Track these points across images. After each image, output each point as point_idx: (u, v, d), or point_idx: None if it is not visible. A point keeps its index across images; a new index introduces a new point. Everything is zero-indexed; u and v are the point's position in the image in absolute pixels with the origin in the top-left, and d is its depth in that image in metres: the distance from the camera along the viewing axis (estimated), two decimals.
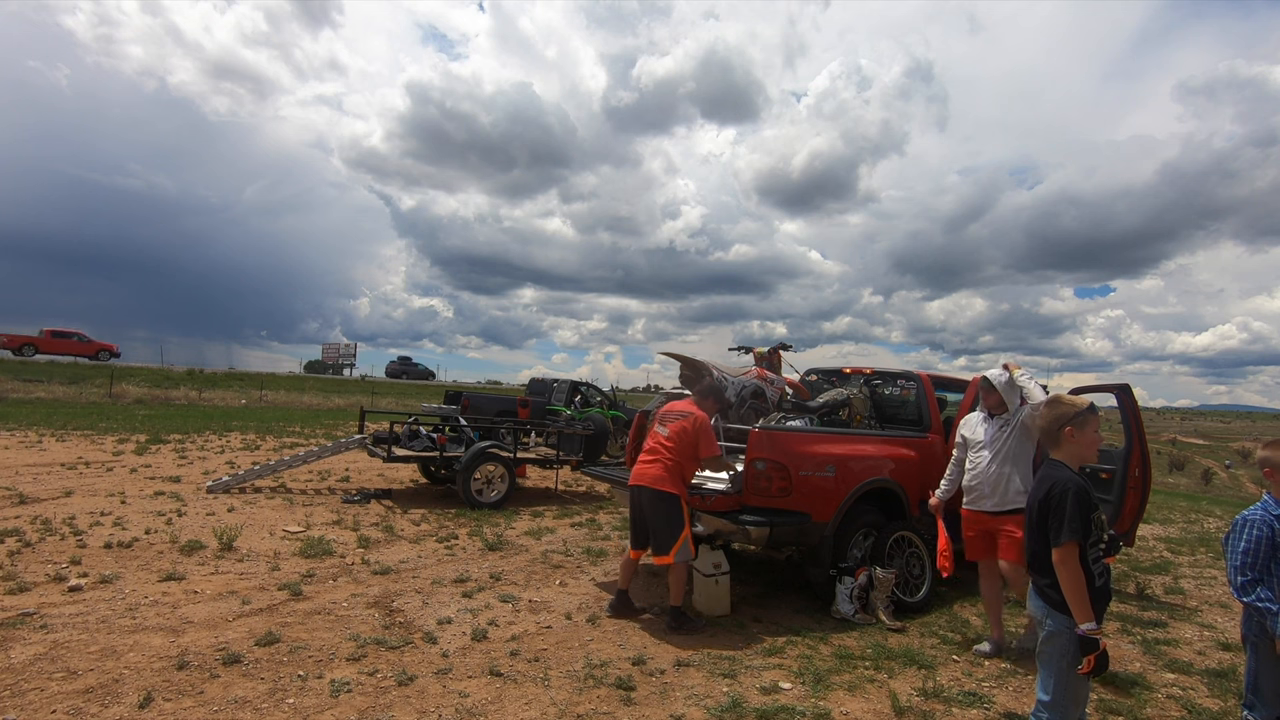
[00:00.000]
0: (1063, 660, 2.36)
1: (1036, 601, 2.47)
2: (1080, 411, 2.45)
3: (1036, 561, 2.45)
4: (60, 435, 12.45)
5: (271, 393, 29.53)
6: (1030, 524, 2.47)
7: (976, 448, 4.24)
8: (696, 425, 4.37)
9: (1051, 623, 2.39)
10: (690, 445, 4.35)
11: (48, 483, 7.88)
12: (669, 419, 4.50)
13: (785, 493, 4.54)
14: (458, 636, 3.97)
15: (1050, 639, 2.41)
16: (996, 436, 4.16)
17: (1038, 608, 2.46)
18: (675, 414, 4.50)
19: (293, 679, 3.28)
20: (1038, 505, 2.41)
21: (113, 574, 4.70)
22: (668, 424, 4.48)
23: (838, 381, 6.61)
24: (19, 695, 2.99)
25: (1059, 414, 2.48)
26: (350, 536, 6.25)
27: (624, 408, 14.67)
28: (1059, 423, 2.46)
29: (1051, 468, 2.47)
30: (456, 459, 8.03)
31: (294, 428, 17.06)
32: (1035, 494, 2.47)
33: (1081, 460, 2.47)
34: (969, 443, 4.32)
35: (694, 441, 4.35)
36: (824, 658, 3.93)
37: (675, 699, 3.31)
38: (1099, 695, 3.64)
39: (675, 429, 4.41)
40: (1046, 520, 2.36)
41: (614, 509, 8.38)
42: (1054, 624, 2.38)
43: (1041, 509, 2.39)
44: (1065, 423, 2.45)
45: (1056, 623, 2.37)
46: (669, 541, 4.29)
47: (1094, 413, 2.48)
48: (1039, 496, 2.42)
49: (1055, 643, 2.39)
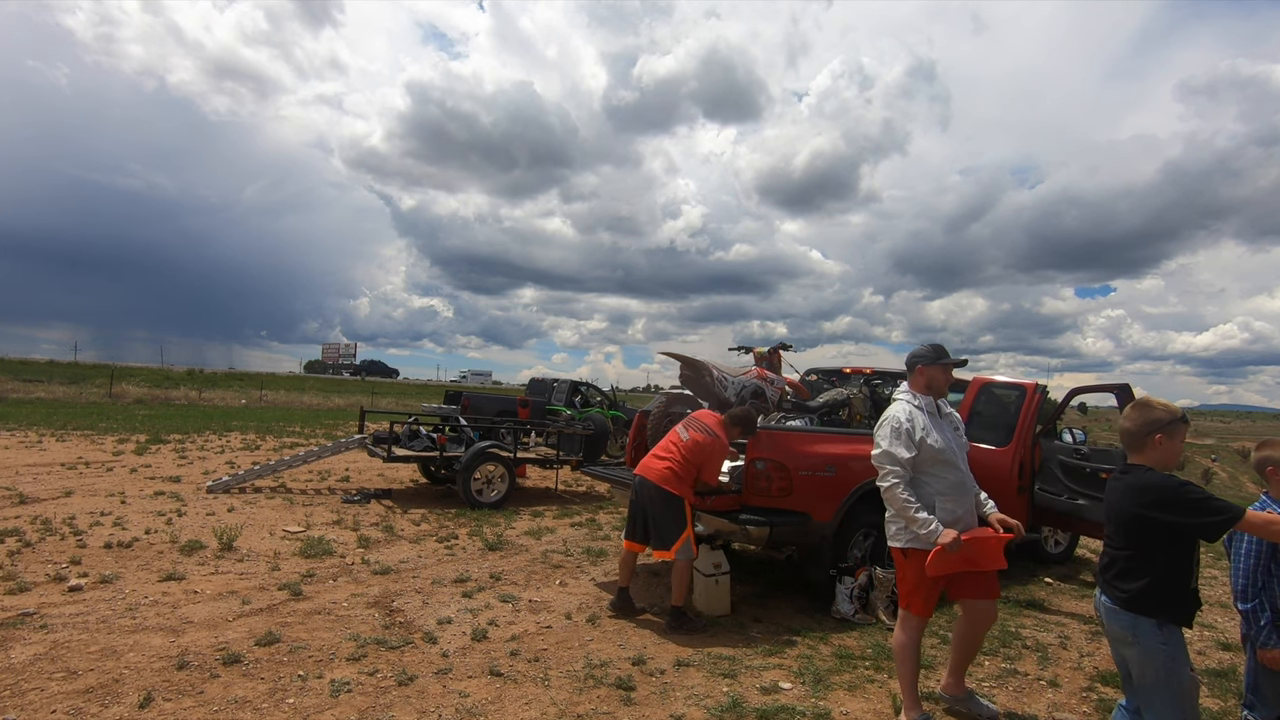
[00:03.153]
0: (1172, 674, 2.21)
1: (1123, 617, 2.31)
2: (1175, 419, 2.32)
3: (1128, 567, 2.31)
4: (60, 435, 12.45)
5: (271, 393, 29.54)
6: (1127, 531, 2.32)
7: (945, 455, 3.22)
8: (714, 449, 4.43)
9: (1142, 639, 2.25)
10: (701, 462, 4.40)
11: (48, 483, 7.88)
12: (693, 426, 4.54)
13: (785, 493, 4.54)
14: (458, 636, 3.96)
15: (1147, 660, 2.26)
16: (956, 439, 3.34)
17: (1123, 622, 2.31)
18: (701, 426, 4.53)
19: (293, 679, 3.28)
20: (1138, 512, 2.26)
21: (113, 574, 4.70)
22: (691, 431, 4.50)
23: (838, 381, 6.61)
24: (19, 695, 2.99)
25: (1152, 419, 2.33)
26: (350, 536, 6.25)
27: (624, 408, 14.67)
28: (1150, 428, 2.32)
29: (1142, 473, 2.31)
30: (456, 459, 8.03)
31: (294, 428, 17.05)
32: (1131, 501, 2.30)
33: (1165, 467, 2.33)
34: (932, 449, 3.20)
35: (704, 461, 4.41)
36: (824, 658, 3.93)
37: (675, 699, 3.31)
38: (1099, 695, 3.64)
39: (695, 440, 4.44)
40: (1148, 526, 2.24)
41: (614, 509, 8.37)
42: (1144, 638, 2.25)
43: (1151, 513, 2.23)
44: (1157, 429, 2.31)
45: (1146, 634, 2.25)
46: (671, 538, 4.29)
47: (1186, 423, 2.36)
48: (1142, 503, 2.26)
49: (1155, 660, 2.23)
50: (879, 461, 3.17)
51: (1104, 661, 4.16)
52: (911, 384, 3.35)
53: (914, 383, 3.33)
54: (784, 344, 6.25)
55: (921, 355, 3.31)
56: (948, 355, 3.32)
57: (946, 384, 3.36)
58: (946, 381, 3.35)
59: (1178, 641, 2.25)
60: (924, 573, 3.05)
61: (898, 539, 3.20)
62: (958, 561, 3.03)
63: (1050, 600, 5.48)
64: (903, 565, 3.21)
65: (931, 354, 3.29)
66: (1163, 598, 2.25)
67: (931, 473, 3.15)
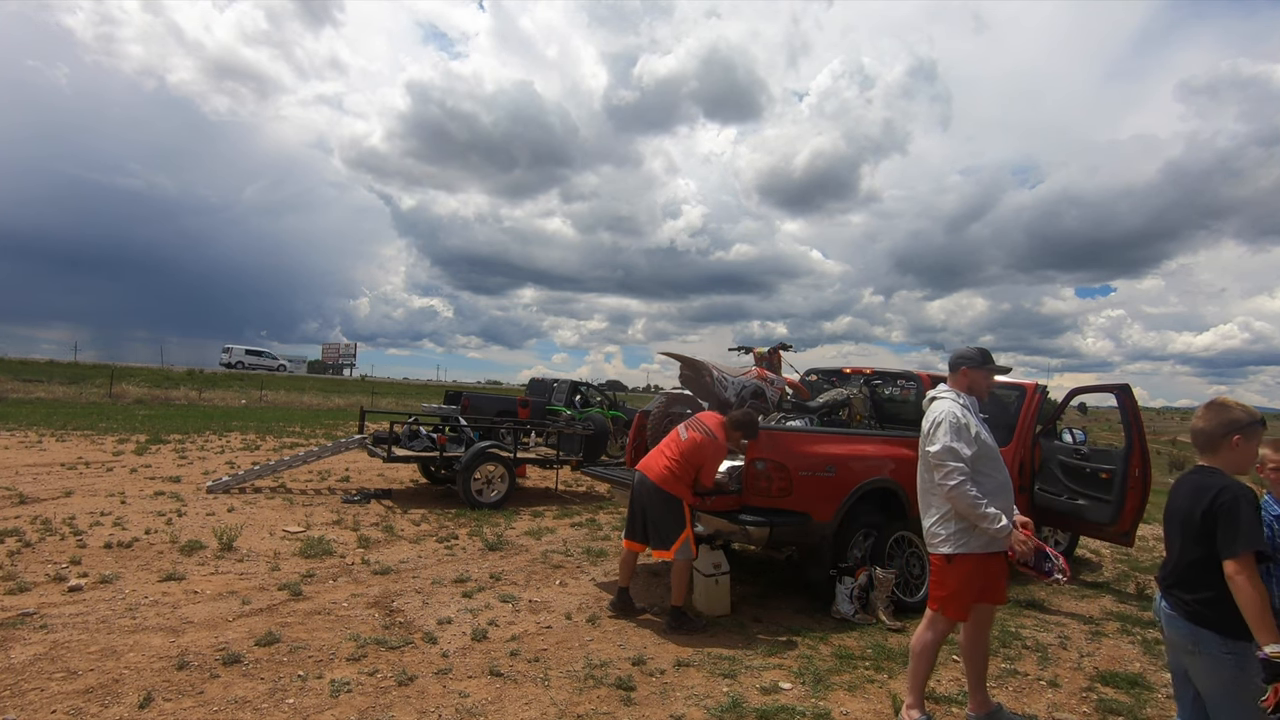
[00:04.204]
0: (1242, 684, 2.09)
1: (1182, 626, 2.23)
2: (1254, 421, 2.23)
3: (1189, 575, 2.23)
4: (60, 435, 12.44)
5: (271, 393, 29.53)
6: (1189, 535, 2.23)
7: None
8: (711, 450, 4.42)
9: (1207, 650, 2.17)
10: (700, 463, 4.40)
11: (48, 483, 7.88)
12: (694, 426, 4.54)
13: (785, 493, 4.54)
14: (458, 636, 3.96)
15: (1213, 671, 2.17)
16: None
17: (1182, 632, 2.24)
18: (701, 426, 4.53)
19: (293, 679, 3.28)
20: (1200, 514, 2.17)
21: (113, 574, 4.70)
22: (691, 430, 4.51)
23: (838, 381, 6.61)
24: (19, 695, 2.99)
25: (1230, 419, 2.24)
26: (350, 536, 6.25)
27: (624, 408, 14.68)
28: (1228, 429, 2.23)
29: (1210, 474, 2.23)
30: (456, 459, 8.03)
31: (294, 428, 17.06)
32: (1193, 502, 2.22)
33: (1238, 472, 2.25)
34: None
35: (701, 462, 4.40)
36: (824, 658, 3.93)
37: (675, 699, 3.31)
38: (1099, 695, 3.64)
39: (694, 440, 4.44)
40: (1212, 530, 2.13)
41: (614, 509, 8.37)
42: (1208, 649, 2.16)
43: (1206, 518, 2.15)
44: (1235, 430, 2.22)
45: (1209, 645, 2.16)
46: (670, 537, 4.30)
47: (1263, 426, 2.26)
48: (1202, 506, 2.17)
49: (1223, 671, 2.14)
50: (942, 458, 2.98)
51: (1104, 662, 4.17)
52: (953, 384, 3.26)
53: (956, 382, 3.24)
54: (784, 344, 6.25)
55: (969, 357, 3.23)
56: (993, 361, 3.25)
57: (988, 390, 3.28)
58: (988, 388, 3.28)
59: (1245, 650, 2.11)
60: (968, 579, 2.97)
61: (945, 544, 3.04)
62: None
63: (1050, 600, 5.49)
64: (944, 570, 3.06)
65: (979, 357, 3.23)
66: (1225, 611, 2.10)
67: (983, 471, 3.04)
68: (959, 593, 3.02)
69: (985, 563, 3.01)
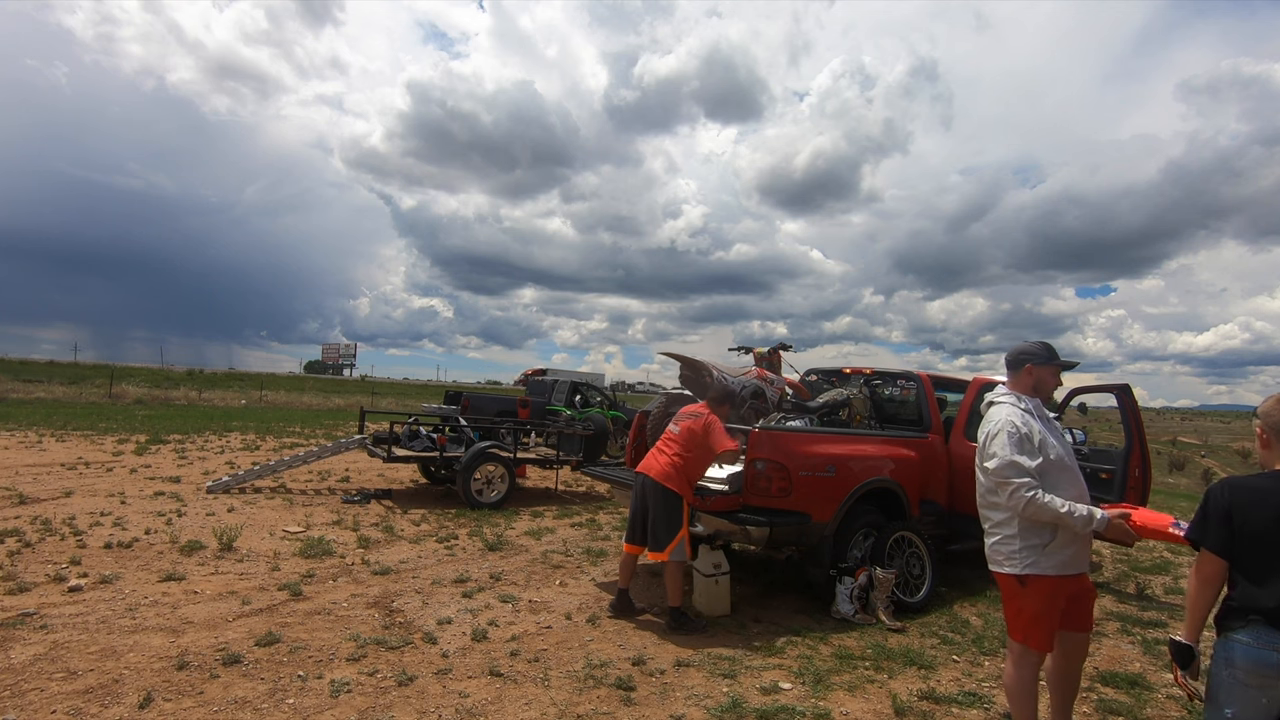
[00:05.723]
0: None
1: None
2: None
3: None
4: (60, 435, 12.44)
5: (271, 393, 29.54)
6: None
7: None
8: (705, 425, 4.44)
9: None
10: (698, 445, 4.42)
11: (48, 483, 7.88)
12: (681, 418, 4.60)
13: (785, 493, 4.54)
14: (458, 637, 3.96)
15: None
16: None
17: None
18: (688, 414, 4.60)
19: (293, 679, 3.28)
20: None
21: (113, 574, 4.70)
22: (680, 423, 4.57)
23: (838, 382, 6.61)
24: (19, 695, 2.99)
25: None
26: (350, 537, 6.25)
27: (624, 408, 14.69)
28: None
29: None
30: (456, 459, 8.03)
31: (294, 428, 17.05)
32: None
33: None
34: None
35: (702, 441, 4.42)
36: (824, 658, 3.93)
37: (675, 699, 3.31)
38: (1099, 695, 3.64)
39: (685, 428, 4.50)
40: None
41: (614, 509, 8.37)
42: None
43: None
44: None
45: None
46: (666, 539, 4.31)
47: None
48: None
49: None
50: (1003, 475, 2.61)
51: (1104, 662, 4.17)
52: (1015, 385, 2.85)
53: (1018, 383, 2.84)
54: (784, 344, 6.25)
55: (1032, 353, 2.83)
56: (1058, 355, 2.86)
57: (1054, 388, 2.90)
58: (1055, 385, 2.89)
59: None
60: (1050, 600, 2.62)
61: (1013, 563, 2.66)
62: None
63: None
64: (1019, 594, 2.67)
65: (1044, 352, 2.84)
66: None
67: (1053, 486, 2.64)
68: (1039, 618, 2.64)
69: (1063, 584, 2.65)
